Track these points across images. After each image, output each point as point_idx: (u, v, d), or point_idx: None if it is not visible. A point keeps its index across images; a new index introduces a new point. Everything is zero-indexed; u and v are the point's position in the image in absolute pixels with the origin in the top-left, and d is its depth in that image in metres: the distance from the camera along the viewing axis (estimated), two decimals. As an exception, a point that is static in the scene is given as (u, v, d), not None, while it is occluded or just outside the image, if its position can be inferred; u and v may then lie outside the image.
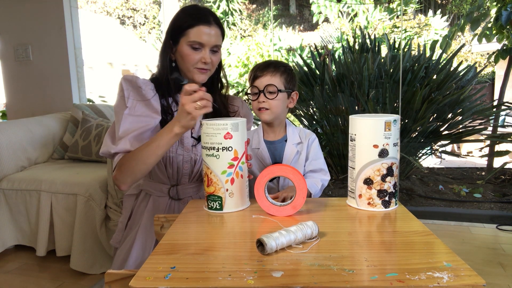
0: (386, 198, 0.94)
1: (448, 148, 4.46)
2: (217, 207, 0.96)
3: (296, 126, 1.30)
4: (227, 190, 0.95)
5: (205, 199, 0.99)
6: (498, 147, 3.59)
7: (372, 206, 0.94)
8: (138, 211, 1.25)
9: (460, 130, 3.15)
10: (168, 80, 1.16)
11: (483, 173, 3.65)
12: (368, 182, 0.93)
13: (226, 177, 0.94)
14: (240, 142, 0.95)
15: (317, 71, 3.37)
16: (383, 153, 0.91)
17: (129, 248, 1.19)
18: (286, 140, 1.23)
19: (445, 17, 8.68)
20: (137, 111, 1.10)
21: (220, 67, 1.26)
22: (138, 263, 1.15)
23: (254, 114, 1.27)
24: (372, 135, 0.92)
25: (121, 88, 1.13)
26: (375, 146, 0.91)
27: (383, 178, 0.92)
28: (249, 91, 1.20)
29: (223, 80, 1.29)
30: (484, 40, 3.36)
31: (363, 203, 0.95)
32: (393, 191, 0.94)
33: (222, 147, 0.93)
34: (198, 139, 1.20)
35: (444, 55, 3.41)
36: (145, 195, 1.27)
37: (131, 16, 14.42)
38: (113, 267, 1.22)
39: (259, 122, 1.27)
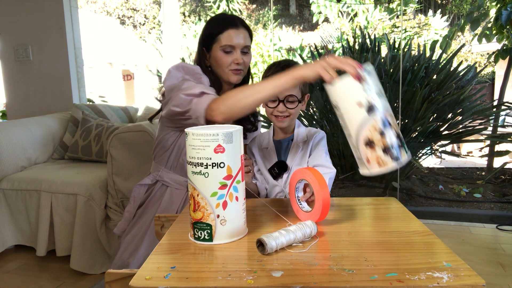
0: (394, 152, 0.85)
1: (448, 148, 4.46)
2: (206, 237, 0.78)
3: (305, 126, 1.29)
4: (218, 216, 0.77)
5: (191, 227, 0.80)
6: (498, 147, 3.58)
7: (384, 165, 0.85)
8: (152, 200, 1.28)
9: (460, 130, 3.14)
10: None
11: (483, 173, 3.65)
12: (370, 143, 0.85)
13: (217, 200, 0.76)
14: (234, 156, 0.77)
15: (317, 71, 3.36)
16: (370, 108, 0.84)
17: (142, 237, 1.21)
18: (292, 139, 1.23)
19: (445, 17, 8.67)
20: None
21: (249, 69, 1.35)
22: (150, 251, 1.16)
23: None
24: (351, 94, 0.85)
25: (183, 72, 1.20)
26: (359, 104, 0.84)
27: (382, 133, 0.84)
28: None
29: (250, 82, 1.38)
30: (484, 40, 3.36)
31: (373, 166, 0.86)
32: (398, 142, 0.85)
33: (212, 163, 0.75)
34: None
35: (444, 55, 3.40)
36: (161, 186, 1.30)
37: (131, 16, 14.41)
38: (122, 255, 1.24)
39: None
